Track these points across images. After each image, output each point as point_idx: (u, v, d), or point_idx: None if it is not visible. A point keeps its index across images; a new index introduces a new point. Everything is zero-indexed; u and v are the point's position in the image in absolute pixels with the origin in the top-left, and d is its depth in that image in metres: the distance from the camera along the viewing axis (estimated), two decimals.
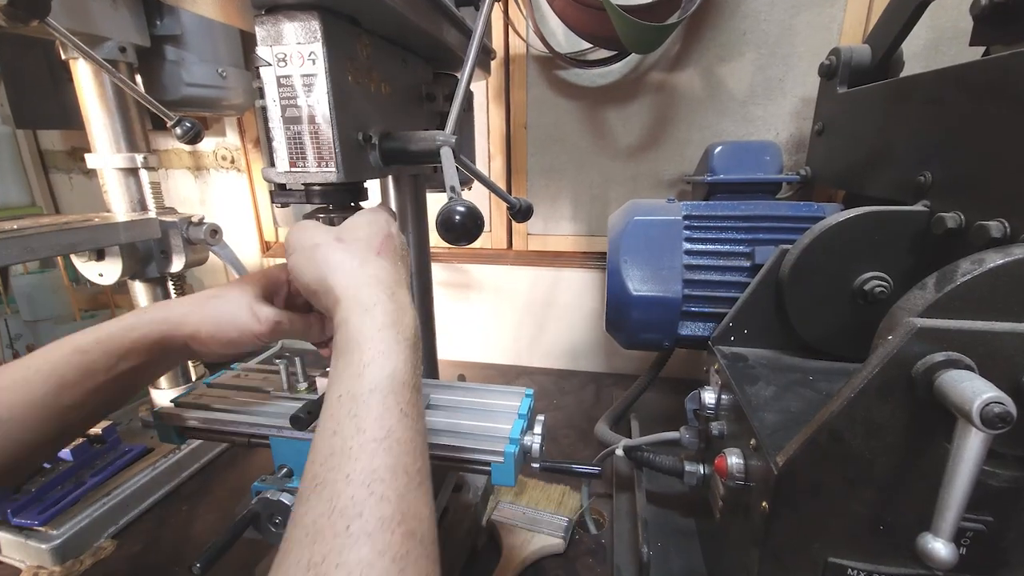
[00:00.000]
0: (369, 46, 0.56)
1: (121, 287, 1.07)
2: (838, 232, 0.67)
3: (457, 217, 0.46)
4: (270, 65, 0.50)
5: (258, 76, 0.51)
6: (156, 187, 0.99)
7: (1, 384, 0.44)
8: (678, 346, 0.90)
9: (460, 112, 0.53)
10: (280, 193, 0.60)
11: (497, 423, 0.62)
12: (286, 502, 0.57)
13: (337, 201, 0.61)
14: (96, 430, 0.99)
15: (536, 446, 0.60)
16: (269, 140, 0.54)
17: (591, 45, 1.27)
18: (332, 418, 0.37)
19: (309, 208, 0.63)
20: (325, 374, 0.67)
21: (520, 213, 0.67)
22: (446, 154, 0.52)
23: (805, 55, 1.19)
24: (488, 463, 0.57)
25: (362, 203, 0.64)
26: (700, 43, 1.24)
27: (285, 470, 0.63)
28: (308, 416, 0.56)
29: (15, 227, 0.74)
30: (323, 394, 0.62)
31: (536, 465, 0.62)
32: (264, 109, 0.52)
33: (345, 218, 0.61)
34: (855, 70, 0.90)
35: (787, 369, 0.70)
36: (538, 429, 0.62)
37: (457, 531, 0.76)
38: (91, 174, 1.81)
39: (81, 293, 1.57)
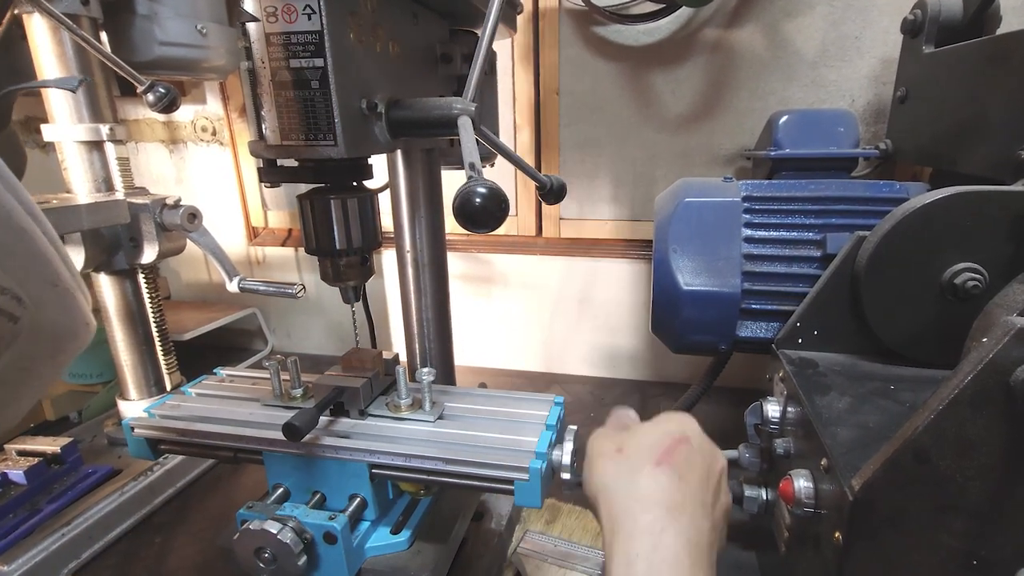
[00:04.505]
0: None
1: (84, 280, 1.09)
2: (924, 216, 0.67)
3: (477, 199, 0.46)
4: (258, 20, 0.51)
5: (244, 33, 0.52)
6: (124, 163, 1.01)
7: None
8: (736, 350, 0.91)
9: (481, 76, 0.54)
10: (270, 171, 0.61)
11: (521, 435, 0.63)
12: (272, 531, 0.58)
13: (337, 180, 0.62)
14: (54, 448, 0.99)
15: (567, 460, 0.61)
16: (257, 109, 0.55)
17: None
18: None
19: (304, 188, 0.64)
20: (324, 378, 0.69)
21: (551, 194, 0.68)
22: (464, 124, 0.53)
23: (886, 9, 1.18)
24: (510, 480, 0.58)
25: (365, 182, 0.65)
26: None
27: (281, 491, 0.65)
28: (304, 426, 0.57)
29: None
30: (320, 402, 0.64)
31: (568, 491, 0.62)
32: (251, 72, 0.54)
33: (344, 199, 0.62)
34: (944, 26, 0.90)
35: (864, 377, 0.70)
36: (569, 442, 0.62)
37: (476, 566, 0.78)
38: (48, 148, 1.85)
39: None
